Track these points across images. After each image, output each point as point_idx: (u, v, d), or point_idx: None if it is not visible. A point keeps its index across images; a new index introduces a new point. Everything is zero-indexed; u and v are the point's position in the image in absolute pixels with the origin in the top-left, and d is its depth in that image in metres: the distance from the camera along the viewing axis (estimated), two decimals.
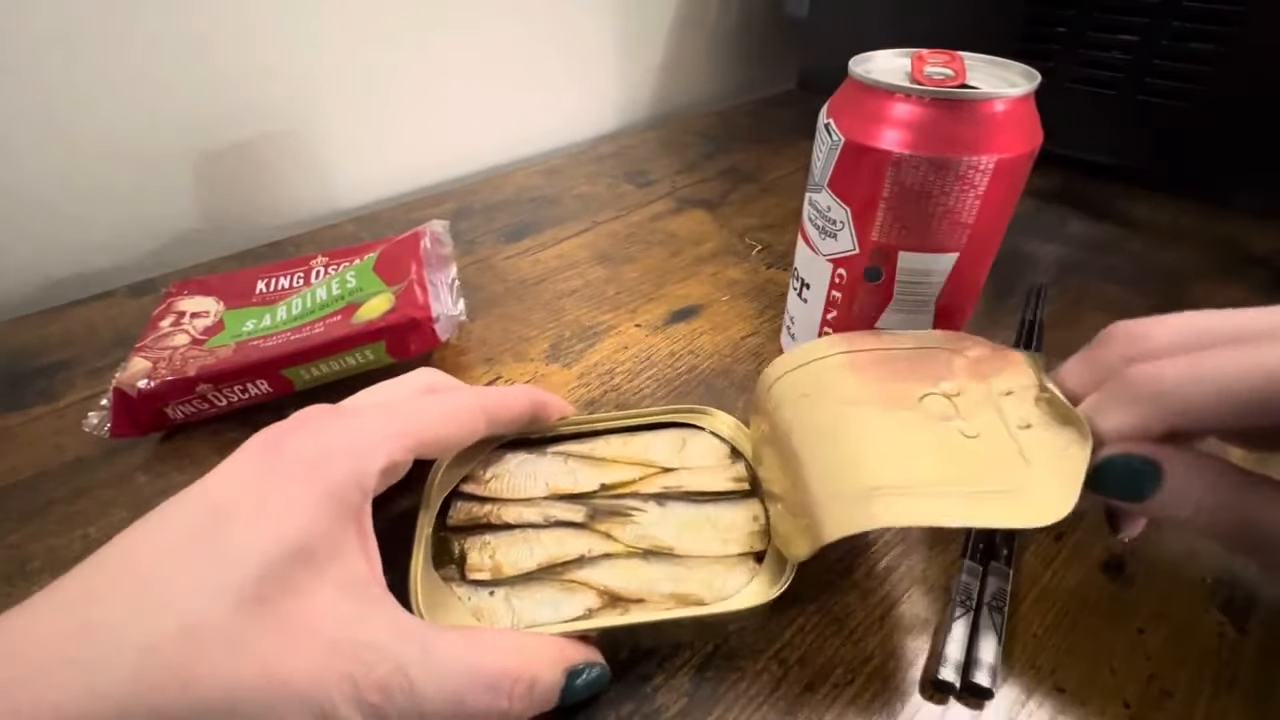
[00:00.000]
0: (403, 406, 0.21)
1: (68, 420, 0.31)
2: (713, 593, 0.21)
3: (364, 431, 0.19)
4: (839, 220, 0.26)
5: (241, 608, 0.15)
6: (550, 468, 0.25)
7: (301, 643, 0.15)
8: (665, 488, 0.24)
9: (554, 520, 0.23)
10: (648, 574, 0.21)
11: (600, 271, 0.42)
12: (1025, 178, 0.24)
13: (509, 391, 0.24)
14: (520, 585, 0.21)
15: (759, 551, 0.22)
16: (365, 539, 0.18)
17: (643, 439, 0.26)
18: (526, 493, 0.24)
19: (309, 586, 0.16)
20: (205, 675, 0.14)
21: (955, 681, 0.20)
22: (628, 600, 0.21)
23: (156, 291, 0.40)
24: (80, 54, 0.39)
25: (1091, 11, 0.45)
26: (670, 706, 0.20)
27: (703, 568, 0.21)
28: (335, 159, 0.51)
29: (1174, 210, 0.47)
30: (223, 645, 0.14)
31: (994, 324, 0.36)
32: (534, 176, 0.55)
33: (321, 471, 0.17)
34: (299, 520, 0.16)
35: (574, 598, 0.21)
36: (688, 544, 0.22)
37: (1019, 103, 0.23)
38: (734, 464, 0.24)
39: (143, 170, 0.43)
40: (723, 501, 0.23)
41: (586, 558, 0.22)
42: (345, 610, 0.16)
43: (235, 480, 0.17)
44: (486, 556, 0.22)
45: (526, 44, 0.57)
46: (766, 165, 0.56)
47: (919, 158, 0.23)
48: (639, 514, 0.23)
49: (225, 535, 0.16)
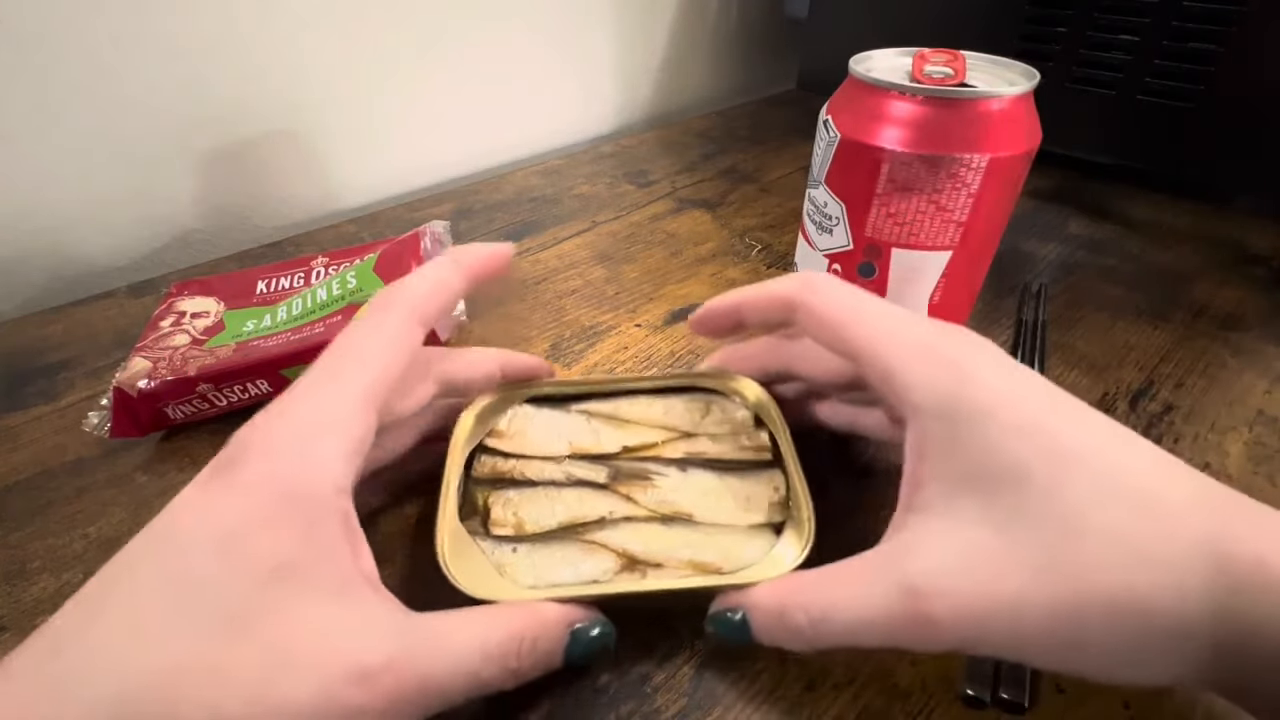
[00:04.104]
0: (347, 378, 0.19)
1: (68, 420, 0.31)
2: (730, 562, 0.21)
3: (311, 424, 0.18)
4: (835, 216, 0.26)
5: (222, 639, 0.14)
6: (573, 426, 0.25)
7: (291, 664, 0.14)
8: (687, 453, 0.24)
9: (576, 479, 0.23)
10: (667, 539, 0.21)
11: (600, 271, 0.42)
12: (1023, 177, 0.24)
13: (473, 354, 0.24)
14: (541, 543, 0.21)
15: (778, 523, 0.22)
16: (348, 535, 0.17)
17: (666, 402, 0.25)
18: (549, 450, 0.24)
19: (291, 603, 0.15)
20: (188, 713, 0.13)
21: (985, 697, 0.20)
22: (646, 564, 0.21)
23: (157, 291, 0.40)
24: (81, 54, 0.39)
25: (1091, 11, 0.45)
26: (670, 706, 0.20)
27: (721, 536, 0.22)
28: (335, 159, 0.51)
29: (1174, 210, 0.47)
30: (206, 679, 0.14)
31: (993, 324, 0.36)
32: (534, 177, 0.55)
33: (278, 482, 0.16)
34: (266, 540, 0.16)
35: (593, 559, 0.21)
36: (707, 511, 0.22)
37: (1015, 102, 0.23)
38: (757, 432, 0.24)
39: (143, 170, 0.43)
40: (744, 470, 0.23)
41: (608, 520, 0.22)
42: (335, 619, 0.16)
43: (195, 510, 0.16)
44: (510, 513, 0.22)
45: (526, 44, 0.57)
46: (766, 165, 0.56)
47: (911, 155, 0.23)
48: (660, 478, 0.23)
49: (194, 569, 0.15)
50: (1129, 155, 0.48)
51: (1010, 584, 0.15)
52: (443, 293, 0.21)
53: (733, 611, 0.19)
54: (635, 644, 0.22)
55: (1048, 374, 0.32)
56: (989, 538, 0.15)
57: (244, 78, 0.45)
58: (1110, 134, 0.48)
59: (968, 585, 0.15)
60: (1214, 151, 0.44)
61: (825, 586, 0.18)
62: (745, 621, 0.18)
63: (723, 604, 0.19)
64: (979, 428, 0.16)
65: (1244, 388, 0.32)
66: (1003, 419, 0.16)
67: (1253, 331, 0.36)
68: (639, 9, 0.64)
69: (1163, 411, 0.31)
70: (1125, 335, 0.35)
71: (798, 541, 0.21)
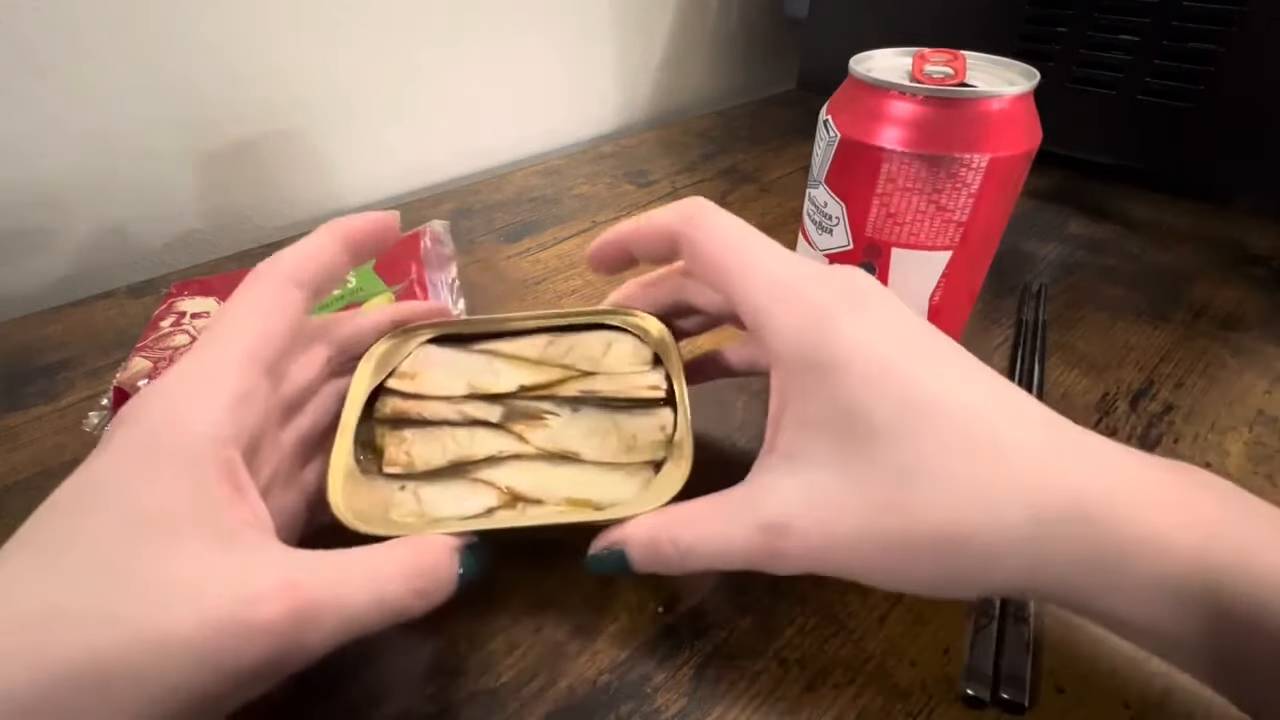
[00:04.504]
0: (221, 340, 0.19)
1: (68, 420, 0.31)
2: (607, 498, 0.22)
3: (185, 384, 0.18)
4: (835, 216, 0.26)
5: (97, 585, 0.14)
6: (474, 365, 0.25)
7: (171, 601, 0.14)
8: (582, 391, 0.24)
9: (470, 419, 0.23)
10: (550, 477, 0.22)
11: None
12: (1023, 177, 0.24)
13: (365, 311, 0.25)
14: (429, 480, 0.22)
15: (660, 460, 0.22)
16: (231, 484, 0.17)
17: (568, 340, 0.25)
18: (448, 390, 0.24)
19: (168, 550, 0.15)
20: (58, 655, 0.13)
21: (985, 697, 0.20)
22: (527, 500, 0.22)
23: (157, 292, 0.40)
24: (81, 55, 0.39)
25: (1091, 11, 0.45)
26: (670, 706, 0.20)
27: (602, 474, 0.22)
28: (335, 159, 0.51)
29: (1174, 210, 0.47)
30: (82, 623, 0.14)
31: (993, 324, 0.36)
32: (534, 176, 0.55)
33: (150, 438, 0.16)
34: (137, 493, 0.16)
35: (477, 494, 0.22)
36: (593, 450, 0.23)
37: (1015, 102, 0.23)
38: (653, 370, 0.24)
39: (143, 170, 0.43)
40: (635, 409, 0.24)
41: (496, 458, 0.23)
42: (216, 562, 0.15)
43: (73, 477, 0.16)
44: (403, 451, 0.23)
45: (526, 44, 0.57)
46: (766, 165, 0.56)
47: (911, 154, 0.23)
48: (551, 418, 0.24)
49: (64, 526, 0.15)
50: (1129, 155, 0.48)
51: (848, 523, 0.17)
52: (319, 256, 0.21)
53: (611, 547, 0.20)
54: (635, 644, 0.22)
55: (1048, 374, 0.33)
56: (835, 481, 0.17)
57: (244, 78, 0.45)
58: (1110, 134, 0.48)
59: (812, 524, 0.17)
60: (1214, 151, 0.44)
61: (692, 521, 0.19)
62: (623, 555, 0.19)
63: (602, 541, 0.20)
64: (833, 378, 0.17)
65: (1244, 388, 0.32)
66: (857, 371, 0.17)
67: (1253, 331, 0.36)
68: (639, 9, 0.64)
69: (1163, 411, 0.31)
70: (1125, 335, 0.36)
71: (675, 477, 0.21)
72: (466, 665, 0.21)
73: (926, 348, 0.18)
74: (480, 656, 0.22)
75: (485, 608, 0.23)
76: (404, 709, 0.20)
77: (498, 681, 0.21)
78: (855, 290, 0.18)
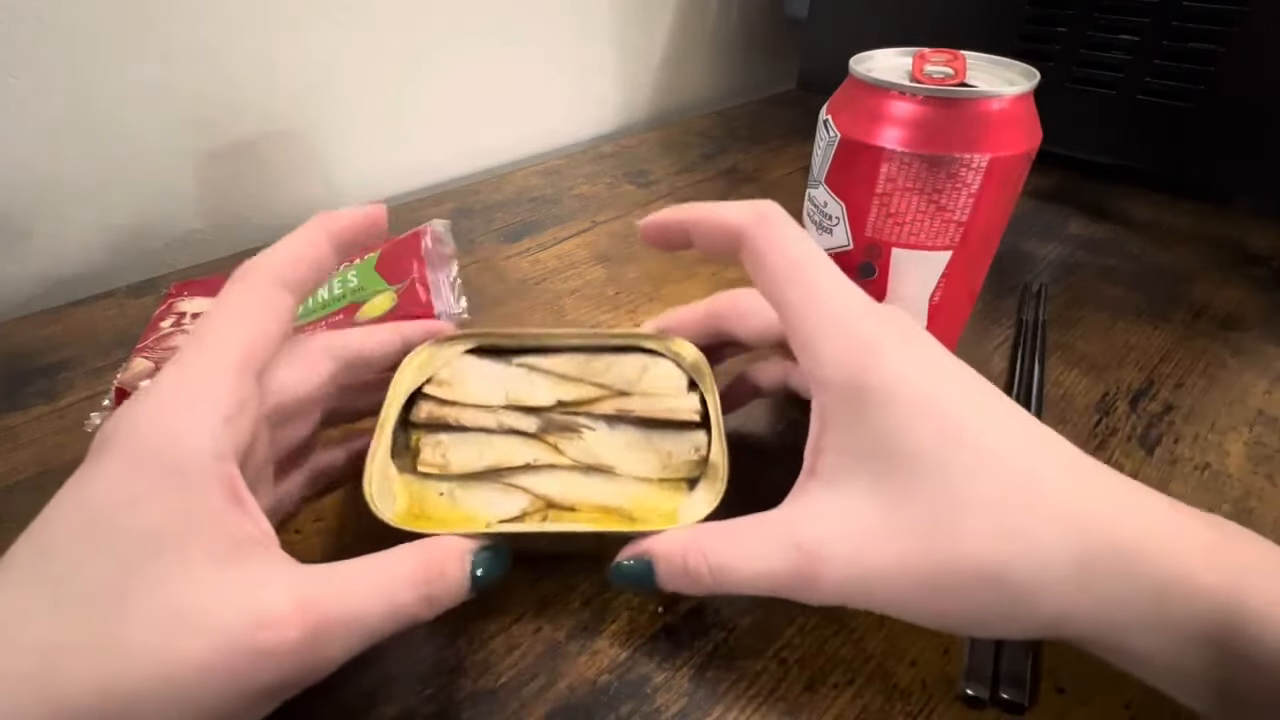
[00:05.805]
0: (210, 349, 0.18)
1: (68, 420, 0.31)
2: (640, 511, 0.22)
3: (177, 397, 0.17)
4: (835, 216, 0.26)
5: (104, 616, 0.14)
6: (512, 378, 0.25)
7: (185, 627, 0.14)
8: (618, 410, 0.24)
9: (507, 428, 0.24)
10: (584, 487, 0.22)
11: (600, 271, 0.42)
12: (1023, 177, 0.24)
13: (371, 327, 0.24)
14: (464, 483, 0.23)
15: (694, 479, 0.23)
16: (232, 499, 0.16)
17: (605, 360, 0.26)
18: (486, 400, 0.24)
19: (172, 572, 0.15)
20: (72, 691, 0.13)
21: (985, 696, 0.20)
22: (560, 508, 0.22)
23: (157, 292, 0.40)
24: (82, 56, 0.39)
25: (1091, 11, 0.45)
26: (670, 706, 0.20)
27: (636, 488, 0.22)
28: (335, 159, 0.51)
29: (1174, 210, 0.47)
30: (91, 657, 0.13)
31: (993, 324, 0.36)
32: (534, 176, 0.55)
33: (145, 458, 0.16)
34: (135, 515, 0.15)
35: (510, 499, 0.22)
36: (628, 464, 0.23)
37: (1015, 102, 0.23)
38: (689, 394, 0.25)
39: (143, 170, 0.43)
40: (671, 429, 0.24)
41: (531, 465, 0.23)
42: (225, 581, 0.15)
43: (65, 499, 0.16)
44: (439, 454, 0.23)
45: (527, 44, 0.57)
46: (766, 165, 0.56)
47: (911, 154, 0.23)
48: (588, 432, 0.24)
49: (64, 553, 0.15)
50: (1129, 155, 0.48)
51: (888, 555, 0.16)
52: (306, 255, 0.20)
53: (638, 557, 0.19)
54: (635, 644, 0.22)
55: (1048, 374, 0.33)
56: (875, 511, 0.17)
57: (244, 78, 0.45)
58: (1110, 134, 0.48)
59: (850, 553, 0.17)
60: (1214, 151, 0.44)
61: (728, 539, 0.19)
62: (650, 567, 0.19)
63: (630, 550, 0.20)
64: (878, 410, 0.17)
65: (1244, 388, 0.32)
66: (901, 403, 0.17)
67: (1253, 331, 0.36)
68: (639, 9, 0.64)
69: (1163, 411, 0.31)
70: (1125, 335, 0.36)
71: (709, 496, 0.21)
72: (466, 665, 0.21)
73: (968, 385, 0.18)
74: (480, 656, 0.22)
75: (485, 608, 0.23)
76: (404, 709, 0.20)
77: (498, 681, 0.21)
78: (903, 326, 0.19)
